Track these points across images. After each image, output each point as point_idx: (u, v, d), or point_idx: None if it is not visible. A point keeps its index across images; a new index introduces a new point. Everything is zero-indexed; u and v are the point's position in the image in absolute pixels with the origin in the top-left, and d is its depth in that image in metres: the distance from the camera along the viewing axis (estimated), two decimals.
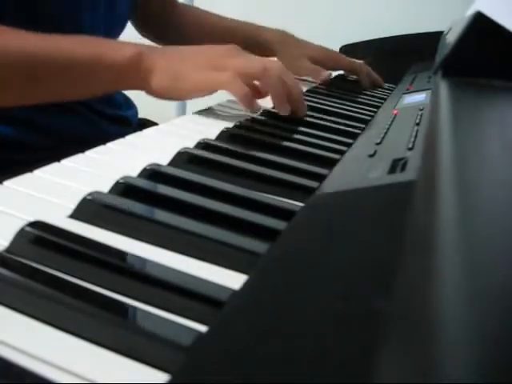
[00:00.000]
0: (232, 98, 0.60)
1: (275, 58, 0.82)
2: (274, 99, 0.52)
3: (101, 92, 0.54)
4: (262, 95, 0.53)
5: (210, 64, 0.50)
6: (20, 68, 0.47)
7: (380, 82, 0.84)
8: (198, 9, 0.91)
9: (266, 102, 0.55)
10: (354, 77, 0.88)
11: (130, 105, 0.76)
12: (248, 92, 0.48)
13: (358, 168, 0.36)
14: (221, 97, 0.59)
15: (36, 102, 0.52)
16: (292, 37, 0.85)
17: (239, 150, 0.42)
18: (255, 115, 0.54)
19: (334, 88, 0.76)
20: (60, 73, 0.49)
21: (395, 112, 0.53)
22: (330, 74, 0.82)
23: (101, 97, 0.67)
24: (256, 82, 0.51)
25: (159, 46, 0.53)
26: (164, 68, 0.49)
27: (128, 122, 0.72)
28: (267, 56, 0.80)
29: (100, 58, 0.48)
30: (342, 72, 0.92)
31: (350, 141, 0.48)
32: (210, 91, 0.50)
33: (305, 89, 0.72)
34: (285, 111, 0.52)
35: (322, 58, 0.83)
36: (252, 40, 0.84)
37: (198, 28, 0.88)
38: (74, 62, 0.48)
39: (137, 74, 0.49)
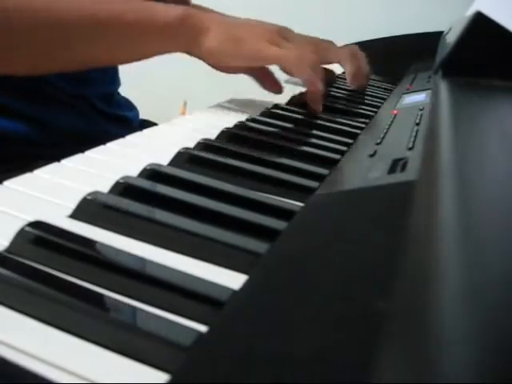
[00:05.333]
0: (231, 97, 0.60)
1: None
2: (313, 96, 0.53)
3: (148, 54, 0.51)
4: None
5: (268, 37, 0.48)
6: (47, 29, 0.44)
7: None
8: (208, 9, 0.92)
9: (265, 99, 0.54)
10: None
11: (130, 106, 0.76)
12: (314, 73, 0.48)
13: (358, 168, 0.36)
14: (221, 97, 0.59)
15: (69, 68, 0.50)
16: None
17: (239, 150, 0.42)
18: (255, 115, 0.54)
19: (333, 88, 0.76)
20: (101, 36, 0.46)
21: (395, 112, 0.53)
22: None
23: (102, 95, 0.67)
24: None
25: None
26: (221, 28, 0.47)
27: (129, 123, 0.72)
28: None
29: (148, 20, 0.46)
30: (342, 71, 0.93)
31: (349, 141, 0.48)
32: (267, 63, 0.49)
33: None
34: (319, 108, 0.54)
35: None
36: None
37: None
38: (121, 23, 0.46)
39: (185, 33, 0.47)
